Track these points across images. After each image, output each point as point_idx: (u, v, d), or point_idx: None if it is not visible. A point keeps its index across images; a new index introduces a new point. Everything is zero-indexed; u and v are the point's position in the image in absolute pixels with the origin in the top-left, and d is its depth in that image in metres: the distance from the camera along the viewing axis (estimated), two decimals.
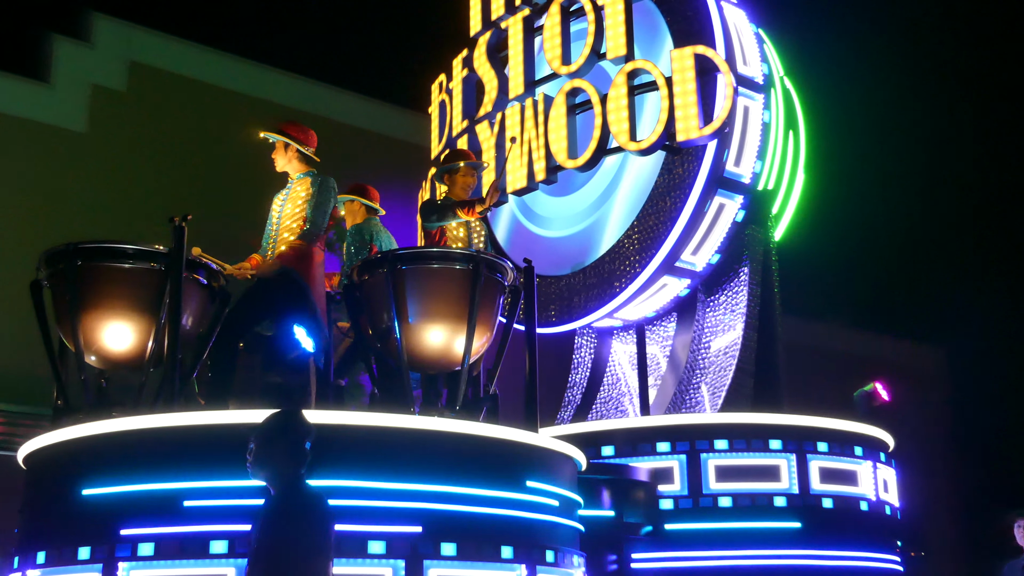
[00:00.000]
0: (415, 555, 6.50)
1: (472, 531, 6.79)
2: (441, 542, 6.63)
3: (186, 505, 6.41)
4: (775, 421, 9.78)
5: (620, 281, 11.08)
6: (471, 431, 7.03)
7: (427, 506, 6.65)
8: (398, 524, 6.53)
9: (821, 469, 9.79)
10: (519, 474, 7.20)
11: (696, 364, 11.51)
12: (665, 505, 9.48)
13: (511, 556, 6.92)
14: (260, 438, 5.19)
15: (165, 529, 6.42)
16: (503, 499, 7.01)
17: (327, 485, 6.33)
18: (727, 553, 9.36)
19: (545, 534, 7.33)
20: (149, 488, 6.50)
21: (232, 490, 6.30)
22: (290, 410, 5.42)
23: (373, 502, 6.51)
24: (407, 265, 7.66)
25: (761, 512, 9.48)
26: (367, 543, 6.42)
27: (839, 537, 9.69)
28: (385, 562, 6.43)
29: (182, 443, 6.55)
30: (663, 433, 9.68)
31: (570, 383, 13.05)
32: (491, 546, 6.84)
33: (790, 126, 12.12)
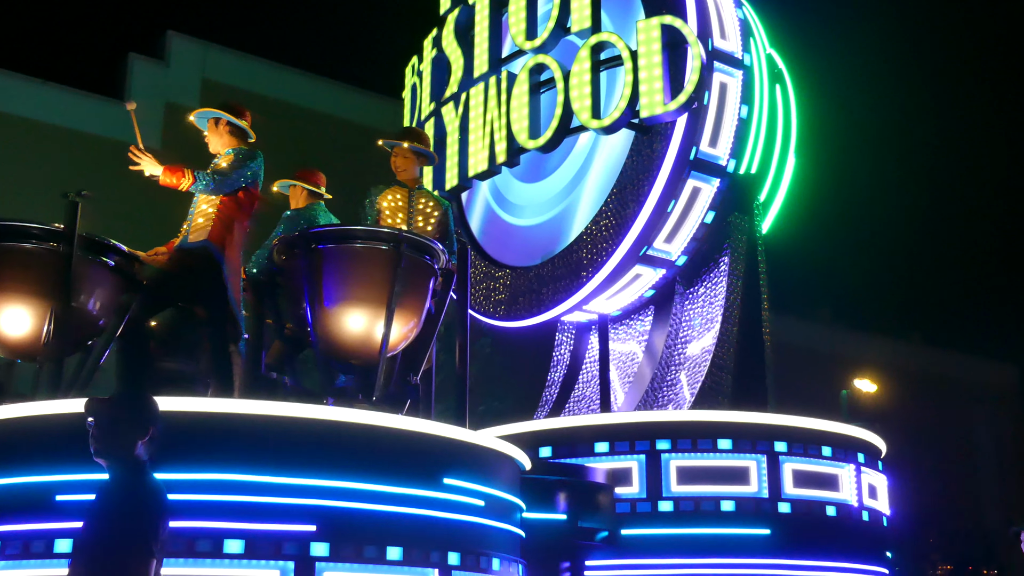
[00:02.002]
0: (306, 557, 6.12)
1: (375, 531, 6.42)
2: (338, 543, 6.25)
3: (59, 500, 6.07)
4: (745, 419, 9.35)
5: (587, 271, 10.69)
6: (379, 423, 6.65)
7: (323, 503, 6.28)
8: (288, 522, 6.16)
9: (795, 472, 9.35)
10: (435, 471, 6.81)
11: (672, 360, 11.09)
12: (622, 509, 9.04)
13: (419, 558, 6.54)
14: (101, 420, 4.85)
15: (37, 526, 6.09)
16: (414, 497, 6.63)
17: (202, 478, 6.05)
18: (688, 561, 8.94)
19: (466, 537, 6.94)
20: (20, 482, 6.18)
21: None
22: (134, 393, 5.09)
23: (260, 498, 6.13)
24: (323, 244, 7.32)
25: (727, 517, 9.04)
26: (253, 543, 6.04)
27: (814, 545, 9.23)
28: (271, 564, 6.06)
29: (54, 433, 6.21)
30: (621, 432, 9.27)
31: (548, 381, 12.68)
32: (397, 548, 6.46)
33: (778, 106, 11.68)
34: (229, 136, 8.44)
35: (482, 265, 12.50)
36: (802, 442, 9.44)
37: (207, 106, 8.63)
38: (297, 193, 9.70)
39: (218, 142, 8.48)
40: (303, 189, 9.65)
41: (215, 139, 8.49)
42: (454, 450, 7.01)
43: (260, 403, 6.41)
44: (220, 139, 8.46)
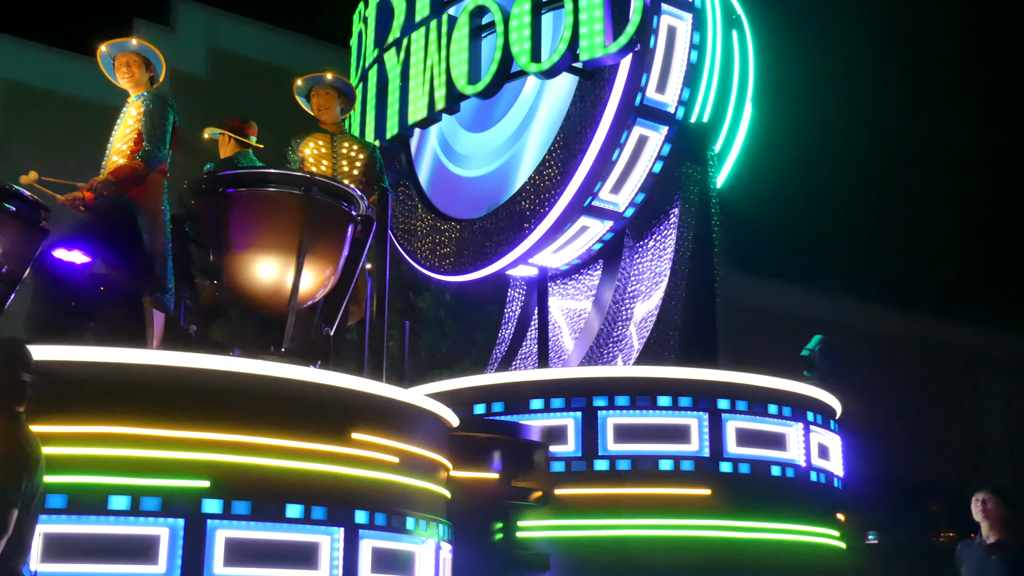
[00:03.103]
0: (197, 514, 5.94)
1: (273, 487, 6.24)
2: (232, 500, 6.06)
3: None
4: (685, 376, 9.16)
5: (530, 222, 10.48)
6: (279, 375, 6.45)
7: (216, 457, 6.10)
8: (178, 478, 5.96)
9: (738, 430, 9.16)
10: (342, 425, 6.62)
11: (619, 315, 10.91)
12: (557, 468, 8.87)
13: (323, 517, 6.37)
14: None
15: None
16: (317, 452, 6.44)
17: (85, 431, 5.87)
18: (625, 522, 8.77)
19: (377, 495, 6.77)
20: None
21: None
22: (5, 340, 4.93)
23: (147, 452, 5.94)
24: (232, 188, 7.11)
25: (665, 477, 8.87)
26: (139, 500, 5.85)
27: (757, 506, 9.06)
28: (159, 521, 5.87)
29: None
30: (556, 388, 9.07)
31: (499, 339, 12.51)
32: (297, 505, 6.28)
33: (734, 52, 11.44)
34: (141, 84, 8.40)
35: (429, 218, 12.30)
36: (746, 399, 9.25)
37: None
38: (225, 142, 9.57)
39: (131, 84, 8.43)
40: (231, 138, 9.50)
41: (128, 81, 8.45)
42: (364, 404, 6.82)
43: (144, 352, 6.22)
44: (131, 79, 8.42)
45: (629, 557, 8.70)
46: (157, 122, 7.99)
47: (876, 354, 27.86)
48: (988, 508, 8.15)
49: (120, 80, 8.35)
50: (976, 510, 8.22)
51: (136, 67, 8.32)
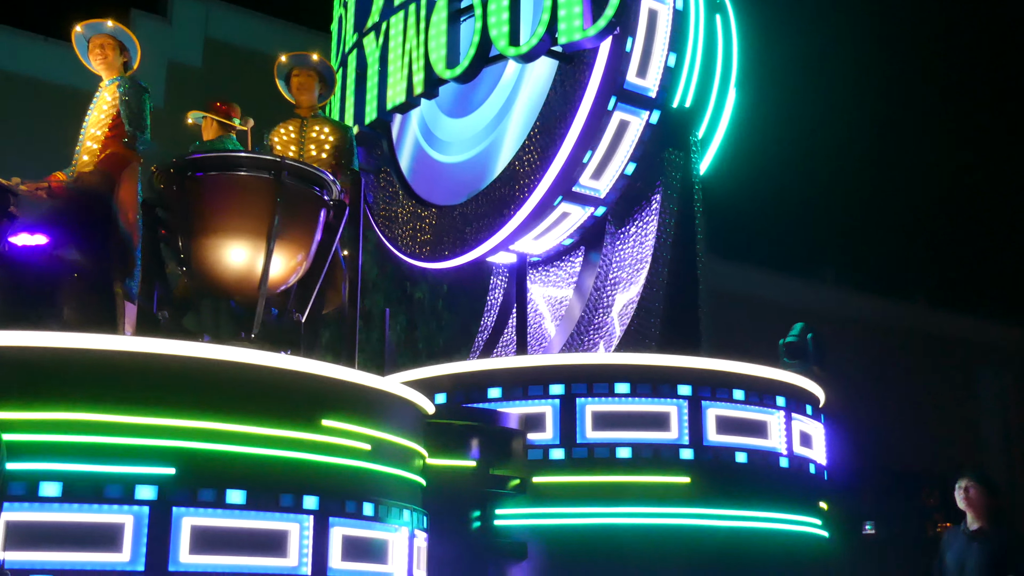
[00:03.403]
0: (163, 502, 5.89)
1: (241, 475, 6.20)
2: (199, 487, 6.01)
3: None
4: (665, 363, 9.11)
5: (510, 208, 10.42)
6: (248, 360, 6.40)
7: (183, 444, 6.05)
8: (143, 465, 5.91)
9: (718, 418, 9.11)
10: (313, 412, 6.58)
11: (601, 302, 10.86)
12: (535, 455, 8.82)
13: (291, 504, 6.32)
14: None
15: None
16: (287, 439, 6.40)
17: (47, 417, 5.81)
18: (604, 510, 8.72)
19: (349, 483, 6.73)
20: None
21: None
22: None
23: (111, 438, 5.89)
24: (200, 172, 7.07)
25: (644, 465, 8.82)
26: (102, 487, 5.80)
27: (737, 494, 9.01)
28: (123, 508, 5.82)
29: None
30: (535, 375, 9.01)
31: (481, 327, 12.45)
32: (265, 492, 6.23)
33: (717, 37, 11.38)
34: (114, 68, 8.37)
35: (410, 205, 12.24)
36: (727, 387, 9.20)
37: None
38: (208, 125, 9.53)
39: (104, 67, 8.39)
40: (214, 121, 9.45)
41: (102, 64, 8.41)
42: (336, 391, 6.78)
43: (109, 338, 6.16)
44: (104, 62, 8.37)
45: (607, 545, 8.66)
46: (136, 107, 7.97)
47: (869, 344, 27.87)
48: (971, 496, 8.14)
49: (94, 63, 8.29)
50: (959, 498, 8.21)
51: (110, 50, 8.28)
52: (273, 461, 6.32)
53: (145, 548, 5.81)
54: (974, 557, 7.91)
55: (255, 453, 6.26)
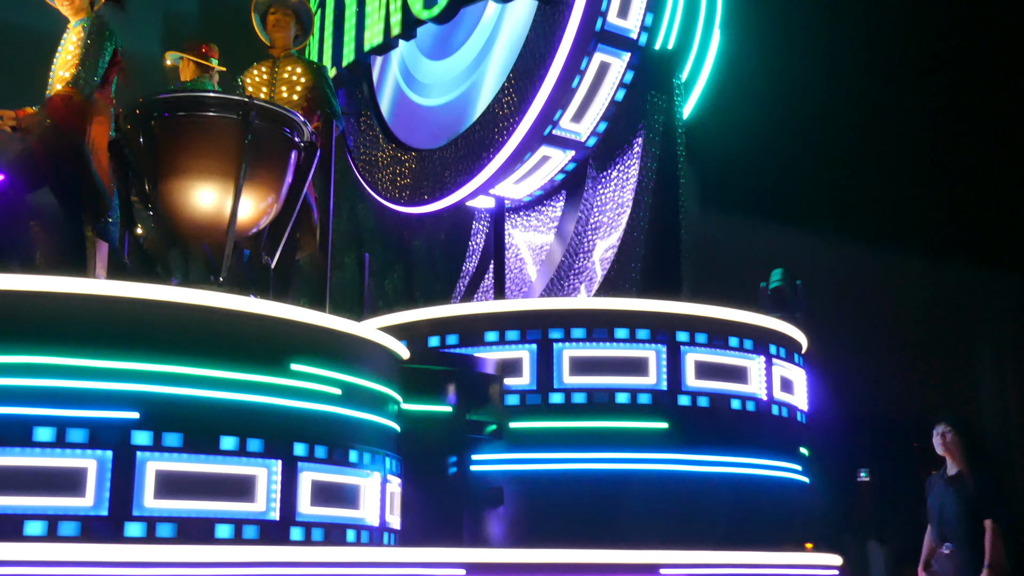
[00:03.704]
0: (126, 446, 5.85)
1: (207, 419, 6.16)
2: (163, 431, 5.98)
3: None
4: (644, 308, 9.06)
5: (489, 151, 10.34)
6: (215, 304, 6.34)
7: (147, 388, 6.00)
8: (106, 409, 5.87)
9: (698, 363, 9.08)
10: (281, 356, 6.54)
11: (581, 247, 10.81)
12: (511, 401, 8.79)
13: (259, 449, 6.30)
14: None
15: None
16: (254, 383, 6.36)
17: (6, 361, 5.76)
18: (580, 456, 8.70)
19: (318, 427, 6.70)
20: None
21: None
22: None
23: (74, 382, 5.84)
24: (167, 112, 6.99)
25: (621, 410, 8.80)
26: (65, 431, 5.76)
27: (716, 440, 9.00)
28: (86, 453, 5.79)
29: None
30: (512, 320, 8.97)
31: (463, 273, 12.41)
32: (232, 437, 6.21)
33: None
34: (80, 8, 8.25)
35: (390, 149, 12.16)
36: (707, 332, 9.16)
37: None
38: (186, 66, 9.44)
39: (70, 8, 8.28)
40: (191, 62, 9.36)
41: (67, 7, 8.29)
42: (305, 335, 6.73)
43: (72, 280, 6.09)
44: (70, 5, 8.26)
45: (585, 491, 8.65)
46: (90, 47, 7.82)
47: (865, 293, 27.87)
48: (947, 441, 8.17)
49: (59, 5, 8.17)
50: (937, 443, 8.24)
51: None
52: (240, 406, 6.28)
53: (109, 493, 5.79)
54: (951, 502, 7.95)
55: (222, 397, 6.22)
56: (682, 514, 8.72)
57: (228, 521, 6.13)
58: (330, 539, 6.63)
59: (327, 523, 6.65)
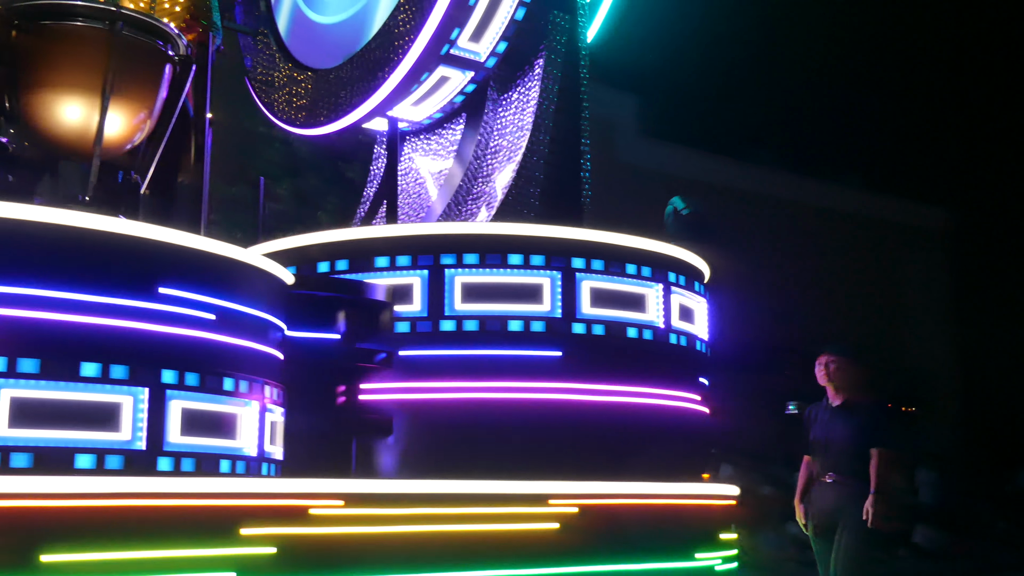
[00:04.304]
0: None
1: (65, 345, 5.94)
2: (18, 357, 5.75)
3: None
4: (538, 233, 8.94)
5: (384, 70, 10.06)
6: (79, 224, 6.09)
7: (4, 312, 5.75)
8: None
9: (593, 290, 8.99)
10: (148, 279, 6.32)
11: (480, 171, 10.61)
12: (401, 328, 8.63)
13: (124, 376, 6.09)
14: None
15: None
16: (117, 307, 6.14)
17: None
18: (472, 384, 8.60)
19: (190, 354, 6.50)
20: None
21: None
22: None
23: None
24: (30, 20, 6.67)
25: (514, 338, 8.69)
26: None
27: (611, 368, 8.93)
28: None
29: None
30: (403, 245, 8.80)
31: (363, 198, 12.14)
32: (94, 364, 5.99)
33: None
34: None
35: (287, 68, 11.81)
36: (603, 258, 9.06)
37: None
38: None
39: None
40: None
41: None
42: (175, 257, 6.51)
43: None
44: None
45: (477, 421, 8.56)
46: None
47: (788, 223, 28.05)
48: (831, 370, 8.14)
49: None
50: (819, 373, 8.22)
51: None
52: (103, 330, 6.06)
53: None
54: (838, 431, 7.94)
55: (83, 321, 6.00)
56: (576, 444, 8.65)
57: (89, 451, 5.94)
58: (202, 469, 6.47)
59: (199, 453, 6.48)
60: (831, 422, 8.04)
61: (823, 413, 8.20)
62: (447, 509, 7.52)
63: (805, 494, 8.24)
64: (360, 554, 6.96)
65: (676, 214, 11.96)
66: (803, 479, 8.27)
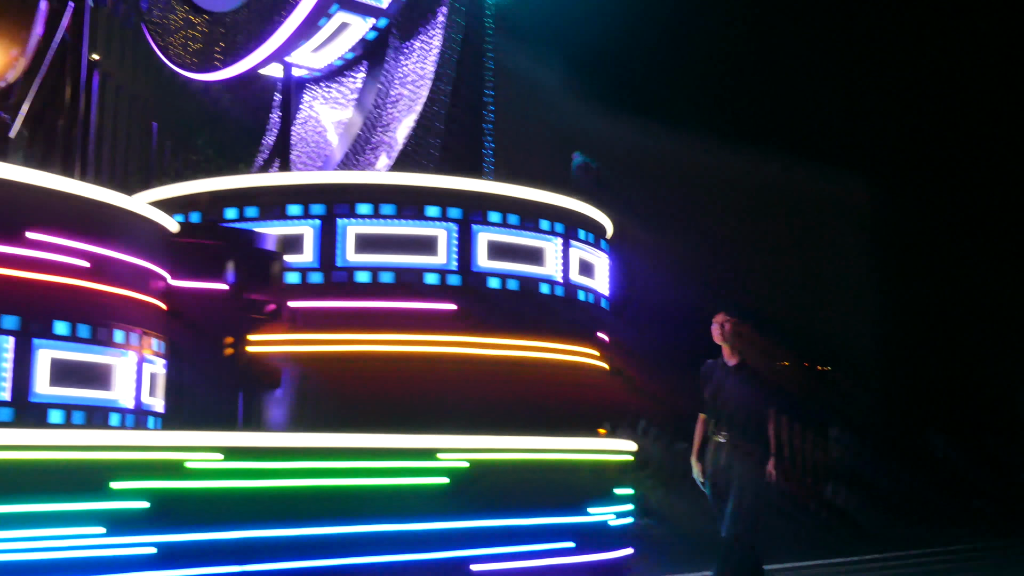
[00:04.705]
0: None
1: None
2: None
3: None
4: (435, 184, 8.83)
5: (281, 14, 9.86)
6: None
7: None
8: None
9: (490, 243, 8.92)
10: (12, 223, 6.13)
11: (380, 119, 10.47)
12: (292, 279, 8.50)
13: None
14: None
15: None
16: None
17: None
18: (364, 337, 8.49)
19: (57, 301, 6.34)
20: None
21: None
22: None
23: None
24: None
25: (408, 291, 8.59)
26: None
27: (508, 321, 8.87)
28: None
29: None
30: (295, 193, 8.65)
31: (263, 146, 11.93)
32: None
33: None
34: None
35: (183, 11, 11.53)
36: (501, 211, 8.99)
37: None
38: None
39: None
40: None
41: None
42: (44, 201, 6.32)
43: None
44: None
45: (368, 374, 8.46)
46: None
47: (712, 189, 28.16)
48: (726, 330, 8.15)
49: None
50: (715, 332, 8.22)
51: None
52: None
53: None
54: (732, 391, 7.95)
55: None
56: (470, 399, 8.58)
57: None
58: (72, 422, 6.32)
59: (69, 404, 6.34)
60: (725, 381, 8.05)
61: (718, 372, 8.21)
62: (332, 463, 7.44)
63: (701, 451, 8.25)
64: (239, 509, 6.86)
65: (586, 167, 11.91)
66: (698, 437, 8.28)
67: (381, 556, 7.61)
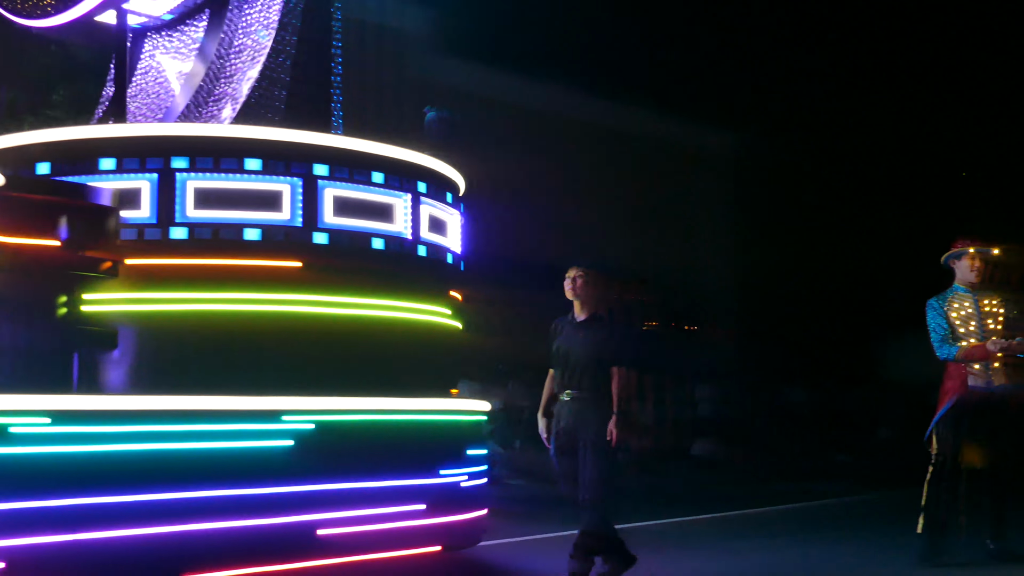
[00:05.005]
0: None
1: None
2: None
3: None
4: (278, 137, 8.65)
5: None
6: None
7: None
8: None
9: (337, 199, 8.77)
10: None
11: (223, 70, 10.20)
12: (128, 235, 8.24)
13: None
14: None
15: None
16: None
17: None
18: (205, 296, 8.29)
19: None
20: None
21: None
22: None
23: None
24: None
25: (251, 247, 8.41)
26: None
27: (354, 279, 8.76)
28: None
29: None
30: (131, 146, 8.39)
31: (102, 97, 11.56)
32: None
33: None
34: None
35: None
36: (348, 166, 8.84)
37: None
38: None
39: None
40: None
41: None
42: None
43: None
44: None
45: (209, 333, 8.27)
46: None
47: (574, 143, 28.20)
48: (578, 285, 8.13)
49: None
50: (567, 287, 8.20)
51: None
52: None
53: None
54: (579, 346, 7.94)
55: None
56: (317, 359, 8.46)
57: None
58: None
59: None
60: (573, 336, 8.04)
61: (567, 327, 8.21)
62: (170, 426, 7.28)
63: (548, 411, 8.24)
64: (69, 476, 6.67)
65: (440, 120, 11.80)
66: (547, 394, 8.26)
67: (223, 522, 7.49)
